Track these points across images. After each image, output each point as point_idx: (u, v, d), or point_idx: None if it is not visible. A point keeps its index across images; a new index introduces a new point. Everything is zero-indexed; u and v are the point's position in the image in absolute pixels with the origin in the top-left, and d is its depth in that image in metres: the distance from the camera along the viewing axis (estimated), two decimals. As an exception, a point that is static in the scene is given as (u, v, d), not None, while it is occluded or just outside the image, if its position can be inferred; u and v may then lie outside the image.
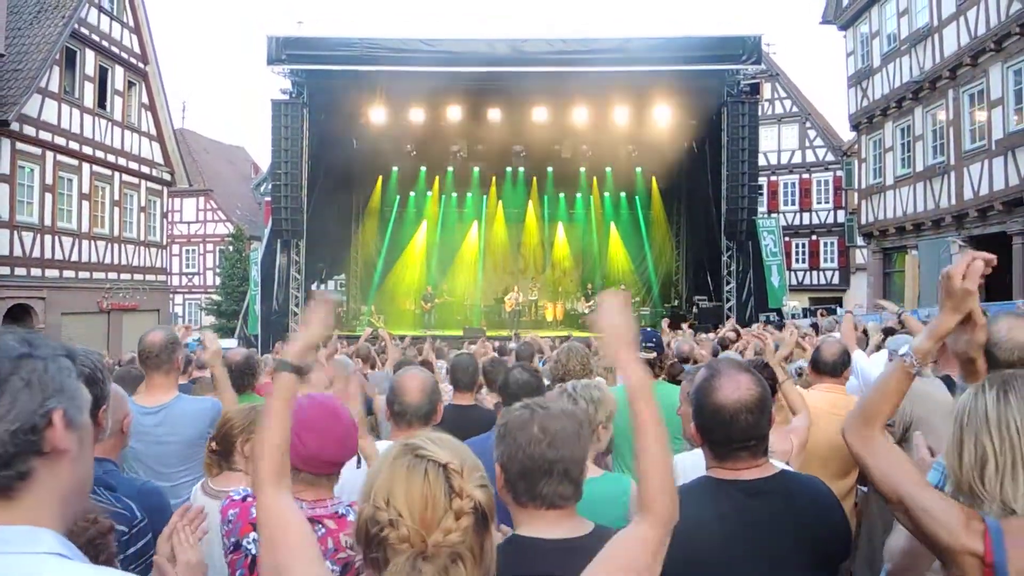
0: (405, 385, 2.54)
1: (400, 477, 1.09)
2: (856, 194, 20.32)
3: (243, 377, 3.72)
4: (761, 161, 21.81)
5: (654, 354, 3.65)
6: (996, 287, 11.08)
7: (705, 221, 18.65)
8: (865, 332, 5.98)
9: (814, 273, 27.27)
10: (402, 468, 1.10)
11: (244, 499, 1.81)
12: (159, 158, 19.62)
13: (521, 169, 21.49)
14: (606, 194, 22.11)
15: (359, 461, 2.04)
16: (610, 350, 1.44)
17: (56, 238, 15.96)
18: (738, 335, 7.93)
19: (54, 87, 15.61)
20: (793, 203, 27.43)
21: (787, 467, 1.95)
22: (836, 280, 27.03)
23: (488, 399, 4.04)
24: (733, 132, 16.44)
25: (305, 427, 1.73)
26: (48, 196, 15.71)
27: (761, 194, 24.28)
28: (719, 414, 1.63)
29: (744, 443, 1.64)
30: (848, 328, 4.55)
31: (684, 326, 12.27)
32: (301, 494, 1.73)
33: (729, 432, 1.63)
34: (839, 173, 26.07)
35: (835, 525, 1.64)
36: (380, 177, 21.36)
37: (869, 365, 3.92)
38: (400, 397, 2.53)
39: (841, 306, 22.26)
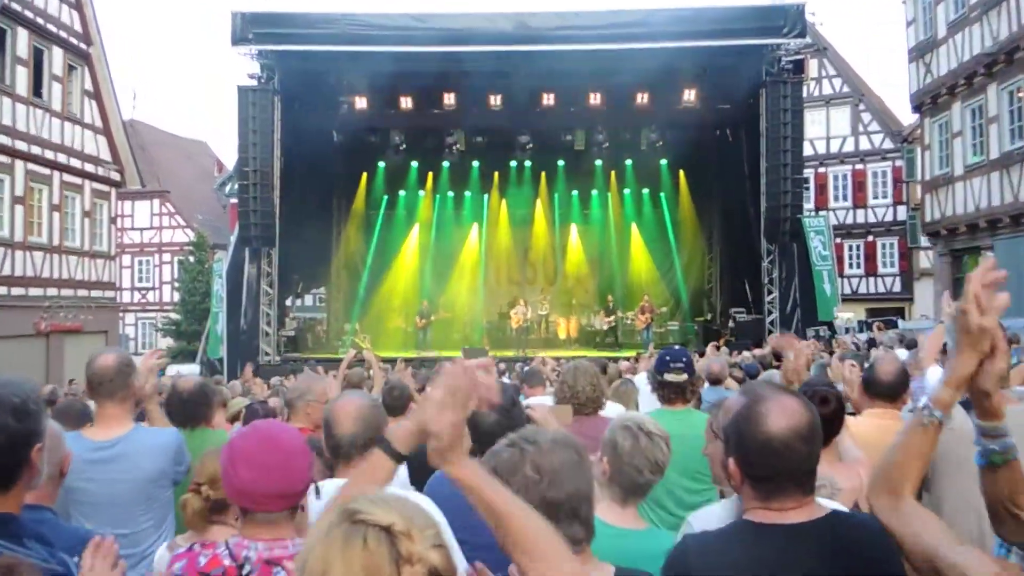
0: (336, 414, 2.53)
1: (335, 551, 1.08)
2: (919, 187, 20.33)
3: (195, 408, 3.73)
4: (807, 150, 22.00)
5: (684, 376, 3.60)
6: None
7: (742, 221, 18.81)
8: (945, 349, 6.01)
9: (871, 280, 27.31)
10: (337, 539, 1.09)
11: (191, 548, 1.85)
12: (106, 154, 19.56)
13: (528, 163, 21.62)
14: (626, 191, 22.18)
15: (317, 491, 2.09)
16: (429, 422, 1.43)
17: (-17, 249, 15.96)
18: (777, 355, 7.93)
19: (-22, 73, 15.78)
20: (845, 199, 27.47)
21: (841, 507, 1.98)
22: (897, 288, 27.03)
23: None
24: (773, 117, 16.58)
25: (240, 458, 1.80)
26: (-27, 200, 15.79)
27: (807, 188, 24.47)
28: (768, 445, 1.64)
29: (794, 478, 1.67)
30: (935, 344, 4.43)
31: (714, 343, 12.19)
32: (257, 535, 1.79)
33: (779, 466, 1.65)
34: (899, 163, 26.19)
35: (892, 574, 1.66)
36: (365, 174, 21.54)
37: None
38: (331, 429, 2.51)
39: (903, 318, 22.33)
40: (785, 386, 2.13)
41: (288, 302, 20.69)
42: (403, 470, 3.32)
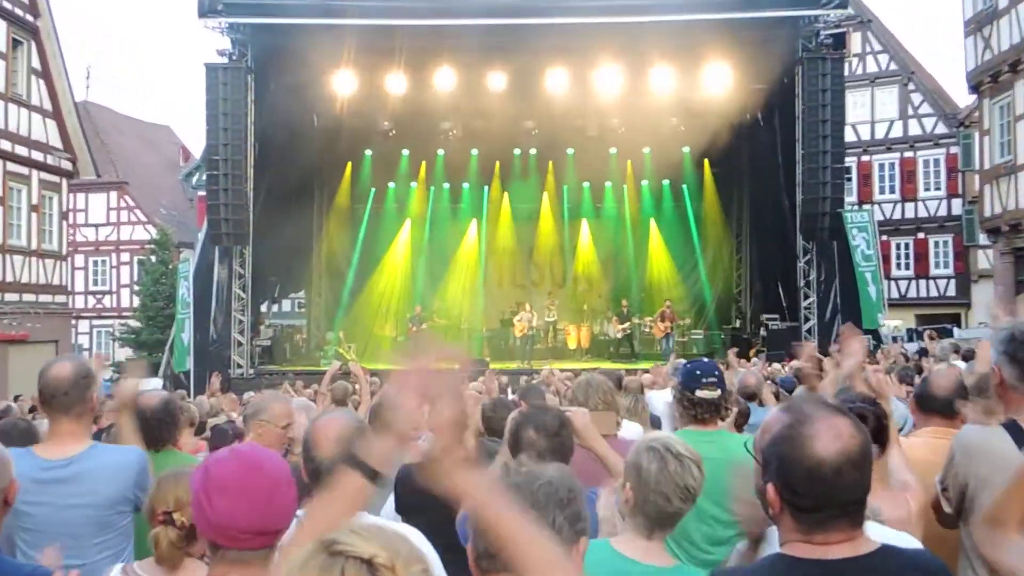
0: (317, 436, 2.54)
1: None
2: (977, 177, 20.29)
3: (160, 428, 3.71)
4: (849, 136, 22.05)
5: (717, 392, 3.58)
6: None
7: (775, 216, 18.90)
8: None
9: (922, 283, 27.25)
10: (313, 572, 1.09)
11: None
12: (56, 141, 19.45)
13: (533, 152, 21.75)
14: (644, 182, 22.26)
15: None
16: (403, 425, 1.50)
17: (-81, 249, 15.96)
18: (819, 366, 8.19)
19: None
20: (892, 190, 27.47)
21: (893, 538, 1.98)
22: (951, 291, 26.90)
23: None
24: (811, 98, 16.61)
25: (216, 488, 1.77)
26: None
27: (849, 179, 24.38)
28: (817, 472, 1.64)
29: (844, 508, 1.67)
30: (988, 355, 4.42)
31: (733, 351, 12.26)
32: None
33: (827, 495, 1.65)
34: (953, 150, 26.06)
35: None
36: (349, 163, 21.65)
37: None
38: (311, 451, 2.53)
39: (959, 326, 22.26)
40: (832, 401, 2.08)
41: (263, 308, 20.80)
42: (390, 500, 3.41)
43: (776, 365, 11.66)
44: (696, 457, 2.44)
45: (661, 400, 5.89)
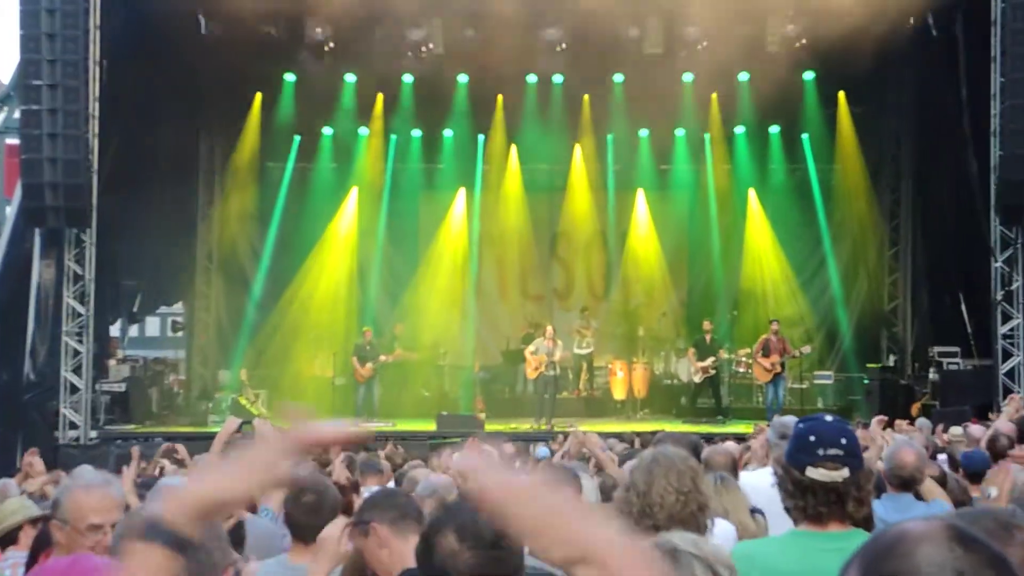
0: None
1: None
2: None
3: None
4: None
5: (845, 471, 3.64)
6: None
7: (955, 187, 19.16)
8: None
9: None
10: None
11: None
12: None
13: (558, 78, 21.66)
14: (738, 129, 22.32)
15: None
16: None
17: None
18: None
19: None
20: None
21: None
22: None
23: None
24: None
25: None
26: None
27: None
28: None
29: None
30: None
31: (879, 418, 12.20)
32: None
33: None
34: None
35: None
36: (258, 97, 21.79)
37: None
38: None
39: None
40: None
41: (115, 330, 20.83)
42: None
43: (956, 430, 11.67)
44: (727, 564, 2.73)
45: (764, 484, 5.73)
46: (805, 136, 21.96)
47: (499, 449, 8.38)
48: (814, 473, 3.56)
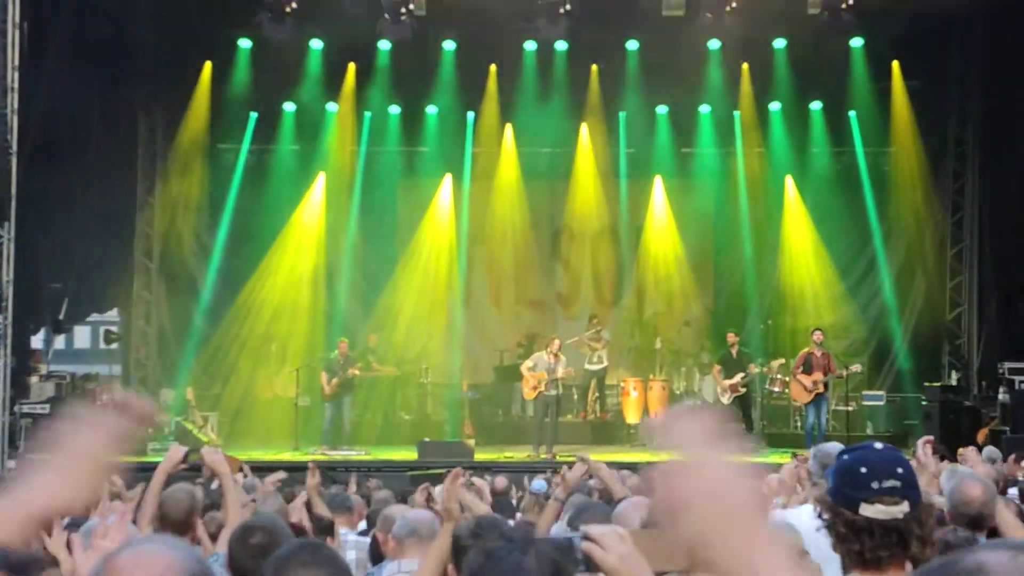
0: None
1: None
2: None
3: None
4: None
5: (902, 507, 3.65)
6: None
7: None
8: None
9: None
10: None
11: None
12: None
13: (560, 45, 21.77)
14: (774, 106, 22.54)
15: None
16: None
17: None
18: None
19: None
20: None
21: None
22: None
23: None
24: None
25: None
26: None
27: None
28: None
29: None
30: None
31: (927, 441, 12.13)
32: None
33: None
34: None
35: None
36: (208, 66, 21.95)
37: None
38: None
39: None
40: None
41: (38, 341, 21.09)
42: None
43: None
44: None
45: (805, 522, 5.83)
46: (852, 114, 21.91)
47: (482, 482, 8.36)
48: (869, 510, 3.56)
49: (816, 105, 22.17)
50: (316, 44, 21.49)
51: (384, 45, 21.37)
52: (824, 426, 18.80)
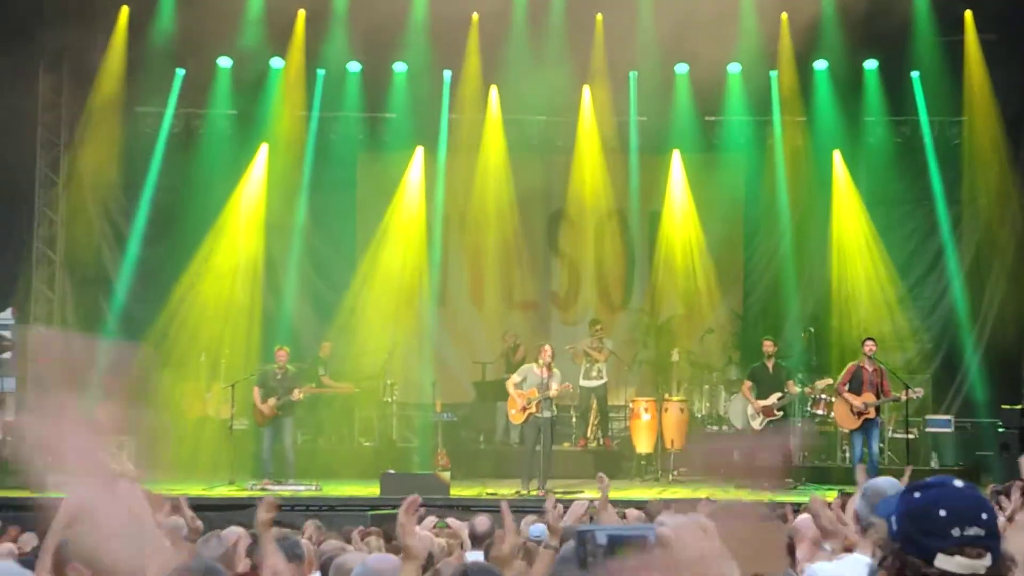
0: None
1: None
2: None
3: None
4: None
5: (988, 559, 3.63)
6: None
7: None
8: None
9: None
10: None
11: None
12: None
13: None
14: (819, 64, 23.14)
15: None
16: None
17: None
18: None
19: None
20: None
21: None
22: None
23: None
24: None
25: None
26: None
27: None
28: None
29: None
30: None
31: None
32: None
33: None
34: None
35: None
36: (124, 11, 22.61)
37: None
38: None
39: None
40: None
41: None
42: None
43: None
44: None
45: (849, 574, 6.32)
46: (915, 75, 22.07)
47: (461, 526, 8.33)
48: (948, 563, 3.53)
49: (871, 64, 22.33)
50: (262, -8, 21.10)
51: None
52: (876, 458, 18.80)
